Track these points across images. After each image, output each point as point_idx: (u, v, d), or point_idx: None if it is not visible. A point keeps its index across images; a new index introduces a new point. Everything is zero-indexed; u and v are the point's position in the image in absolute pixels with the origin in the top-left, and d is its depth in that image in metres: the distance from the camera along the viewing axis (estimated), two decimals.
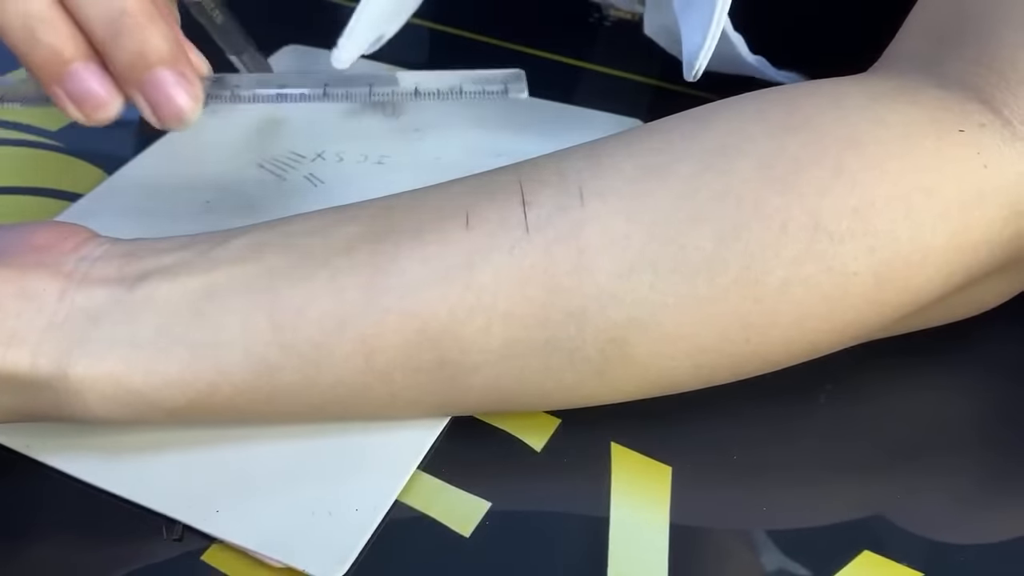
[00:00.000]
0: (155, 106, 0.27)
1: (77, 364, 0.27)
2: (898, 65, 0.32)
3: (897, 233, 0.27)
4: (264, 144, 0.43)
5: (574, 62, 0.49)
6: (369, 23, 0.40)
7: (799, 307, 0.28)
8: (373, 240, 0.29)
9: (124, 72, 0.26)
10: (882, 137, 0.28)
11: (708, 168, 0.28)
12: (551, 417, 0.32)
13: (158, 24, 0.26)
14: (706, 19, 0.35)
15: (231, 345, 0.28)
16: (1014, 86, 0.28)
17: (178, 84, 0.26)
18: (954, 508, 0.30)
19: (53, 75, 0.26)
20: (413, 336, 0.28)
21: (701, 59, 0.35)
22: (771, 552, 0.28)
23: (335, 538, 0.28)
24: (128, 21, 0.26)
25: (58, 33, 0.25)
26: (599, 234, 0.27)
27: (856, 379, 0.33)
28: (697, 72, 0.35)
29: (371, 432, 0.30)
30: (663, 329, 0.28)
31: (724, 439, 0.31)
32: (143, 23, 0.26)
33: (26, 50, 0.26)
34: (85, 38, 0.26)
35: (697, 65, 0.35)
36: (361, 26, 0.39)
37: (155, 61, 0.26)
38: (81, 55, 0.26)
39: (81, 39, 0.26)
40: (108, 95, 0.27)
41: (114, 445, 0.30)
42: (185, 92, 0.26)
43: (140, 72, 0.26)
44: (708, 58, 0.35)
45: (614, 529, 0.29)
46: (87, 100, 0.27)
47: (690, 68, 0.36)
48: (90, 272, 0.29)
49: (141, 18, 0.26)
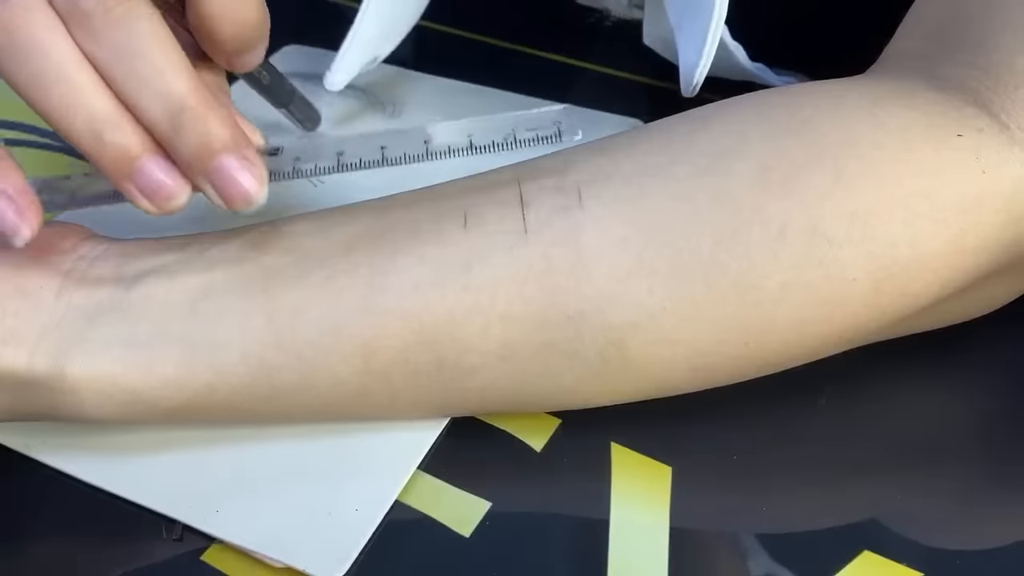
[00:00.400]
0: (223, 192, 0.27)
1: (74, 363, 0.27)
2: (895, 67, 0.32)
3: (895, 238, 0.27)
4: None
5: (574, 62, 0.49)
6: (362, 47, 0.40)
7: (797, 311, 0.27)
8: (371, 240, 0.29)
9: (190, 163, 0.27)
10: (881, 141, 0.27)
11: (707, 170, 0.28)
12: (551, 417, 0.32)
13: (217, 112, 0.27)
14: (701, 38, 0.35)
15: (228, 345, 0.28)
16: (1011, 91, 0.28)
17: (243, 169, 0.27)
18: (954, 508, 0.30)
19: (123, 172, 0.27)
20: (411, 337, 0.28)
21: (697, 77, 0.35)
22: (771, 552, 0.28)
23: (335, 538, 0.28)
24: (189, 115, 0.26)
25: (124, 132, 0.26)
26: (598, 237, 0.27)
27: (856, 380, 0.33)
28: (695, 88, 0.36)
29: (371, 432, 0.30)
30: (661, 332, 0.28)
31: (724, 439, 0.31)
32: (203, 114, 0.26)
33: (96, 152, 0.26)
34: (149, 133, 0.27)
35: (694, 83, 0.35)
36: (354, 50, 0.40)
37: (218, 149, 0.27)
38: (147, 150, 0.27)
39: (146, 135, 0.27)
40: (177, 185, 0.27)
41: (114, 445, 0.30)
42: (250, 175, 0.27)
43: (205, 162, 0.27)
44: (704, 75, 0.35)
45: (614, 529, 0.29)
46: (158, 193, 0.27)
47: (687, 85, 0.36)
48: (88, 271, 0.29)
49: (201, 109, 0.26)
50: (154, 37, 0.26)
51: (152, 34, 0.26)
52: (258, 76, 0.35)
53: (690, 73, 0.35)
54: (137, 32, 0.26)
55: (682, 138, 0.29)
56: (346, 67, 0.40)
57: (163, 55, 0.26)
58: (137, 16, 0.26)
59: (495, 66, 0.49)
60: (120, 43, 0.26)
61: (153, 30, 0.26)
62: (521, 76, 0.47)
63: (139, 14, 0.26)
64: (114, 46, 0.26)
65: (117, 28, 0.26)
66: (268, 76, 0.36)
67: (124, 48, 0.26)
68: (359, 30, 0.39)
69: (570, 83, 0.48)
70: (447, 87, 0.47)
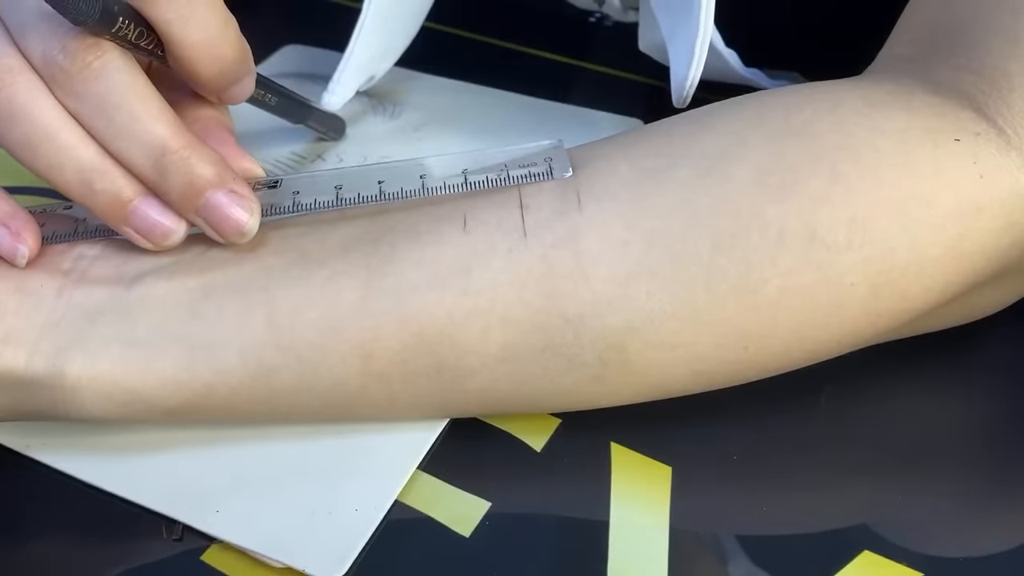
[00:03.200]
0: (216, 227, 0.28)
1: (74, 362, 0.27)
2: (891, 69, 0.32)
3: (893, 244, 0.27)
4: (264, 144, 0.43)
5: (574, 62, 0.49)
6: (357, 68, 0.40)
7: (796, 316, 0.27)
8: (370, 242, 0.29)
9: (179, 205, 0.28)
10: (879, 145, 0.27)
11: (706, 174, 0.28)
12: (551, 417, 0.32)
13: (199, 151, 0.28)
14: (690, 50, 0.35)
15: (227, 345, 0.28)
16: (1006, 95, 0.28)
17: (232, 203, 0.28)
18: (954, 508, 0.30)
19: (119, 217, 0.28)
20: (410, 339, 0.28)
21: (688, 89, 0.35)
22: (771, 552, 0.28)
23: (335, 538, 0.28)
24: (171, 158, 0.27)
25: (113, 180, 0.27)
26: (597, 240, 0.27)
27: (856, 380, 0.32)
28: (685, 100, 0.36)
29: (371, 432, 0.30)
30: (661, 336, 0.28)
31: (724, 439, 0.31)
32: (185, 156, 0.27)
33: (89, 201, 0.28)
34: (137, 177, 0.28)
35: (684, 95, 0.36)
36: (348, 72, 0.40)
37: (204, 187, 0.28)
38: (139, 193, 0.28)
39: (135, 180, 0.28)
40: (172, 223, 0.28)
41: (114, 445, 0.30)
42: (240, 208, 0.28)
43: (194, 202, 0.28)
44: (694, 88, 0.35)
45: (614, 529, 0.29)
46: (154, 232, 0.28)
47: (678, 97, 0.36)
48: (88, 271, 0.29)
49: (183, 152, 0.27)
50: (131, 88, 0.27)
51: (129, 85, 0.27)
52: (263, 100, 0.36)
53: (681, 85, 0.36)
54: (114, 85, 0.27)
55: (681, 140, 0.29)
56: (342, 89, 0.40)
57: (141, 104, 0.27)
58: (114, 69, 0.27)
59: (495, 66, 0.49)
60: (99, 97, 0.27)
61: (130, 81, 0.27)
62: (521, 76, 0.47)
63: (115, 67, 0.27)
64: (93, 100, 0.27)
65: (96, 83, 0.26)
66: (274, 98, 0.36)
67: (103, 101, 0.27)
68: (353, 54, 0.40)
69: (570, 83, 0.48)
70: (447, 87, 0.47)
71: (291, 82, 0.48)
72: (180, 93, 0.31)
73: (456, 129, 0.44)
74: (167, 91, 0.28)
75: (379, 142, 0.43)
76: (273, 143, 0.43)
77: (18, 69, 0.27)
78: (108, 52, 0.27)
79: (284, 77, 0.48)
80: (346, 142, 0.43)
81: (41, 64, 0.27)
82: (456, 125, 0.45)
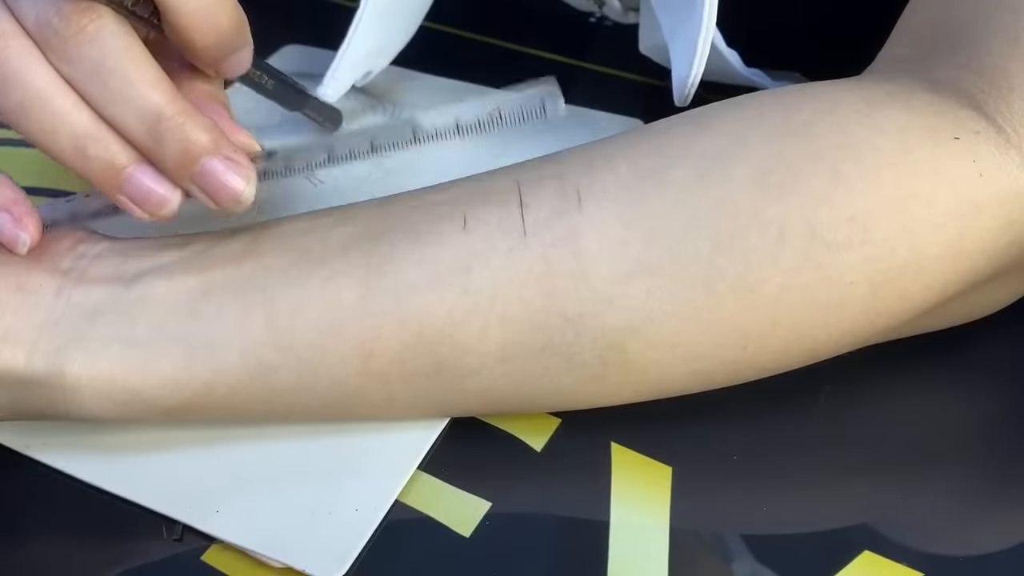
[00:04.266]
0: (211, 194, 0.28)
1: (73, 361, 0.27)
2: (890, 69, 0.32)
3: (893, 242, 0.27)
4: (263, 139, 0.43)
5: (574, 62, 0.49)
6: (353, 63, 0.40)
7: (796, 315, 0.27)
8: (370, 241, 0.29)
9: (174, 172, 0.28)
10: (879, 144, 0.27)
11: (705, 173, 0.28)
12: (551, 417, 0.32)
13: (195, 118, 0.27)
14: (692, 49, 0.35)
15: (227, 345, 0.28)
16: (1005, 93, 0.28)
17: (228, 170, 0.28)
18: (954, 508, 0.30)
19: (113, 185, 0.28)
20: (410, 339, 0.28)
21: (689, 88, 0.35)
22: (771, 552, 0.28)
23: (335, 538, 0.28)
24: (166, 124, 0.27)
25: (107, 146, 0.27)
26: (597, 239, 0.27)
27: (855, 380, 0.32)
28: (687, 99, 0.36)
29: (371, 432, 0.30)
30: (661, 335, 0.28)
31: (724, 439, 0.31)
32: (181, 122, 0.27)
33: (83, 167, 0.27)
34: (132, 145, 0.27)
35: (686, 93, 0.36)
36: (345, 65, 0.40)
37: (199, 154, 0.27)
38: (133, 160, 0.27)
39: (129, 147, 0.27)
40: (167, 192, 0.28)
41: (114, 445, 0.30)
42: (236, 174, 0.28)
43: (189, 168, 0.27)
44: (696, 86, 0.35)
45: (614, 529, 0.29)
46: (148, 200, 0.28)
47: (679, 96, 0.36)
48: (87, 270, 0.29)
49: (178, 118, 0.27)
50: (126, 52, 0.26)
51: (124, 50, 0.26)
52: (259, 82, 0.35)
53: (682, 83, 0.36)
54: (109, 49, 0.26)
55: (681, 140, 0.29)
56: (336, 83, 0.40)
57: (136, 69, 0.27)
58: (108, 34, 0.26)
59: (495, 66, 0.49)
60: (93, 61, 0.26)
61: (125, 46, 0.26)
62: (521, 76, 0.47)
63: (110, 31, 0.26)
64: (88, 65, 0.26)
65: (90, 47, 0.26)
66: (272, 82, 0.36)
67: (98, 66, 0.26)
68: (349, 48, 0.40)
69: (570, 83, 0.48)
70: (447, 87, 0.47)
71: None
72: (177, 65, 0.30)
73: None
74: (163, 63, 0.28)
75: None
76: (273, 142, 0.43)
77: (11, 33, 0.26)
78: (103, 16, 0.26)
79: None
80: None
81: (35, 28, 0.26)
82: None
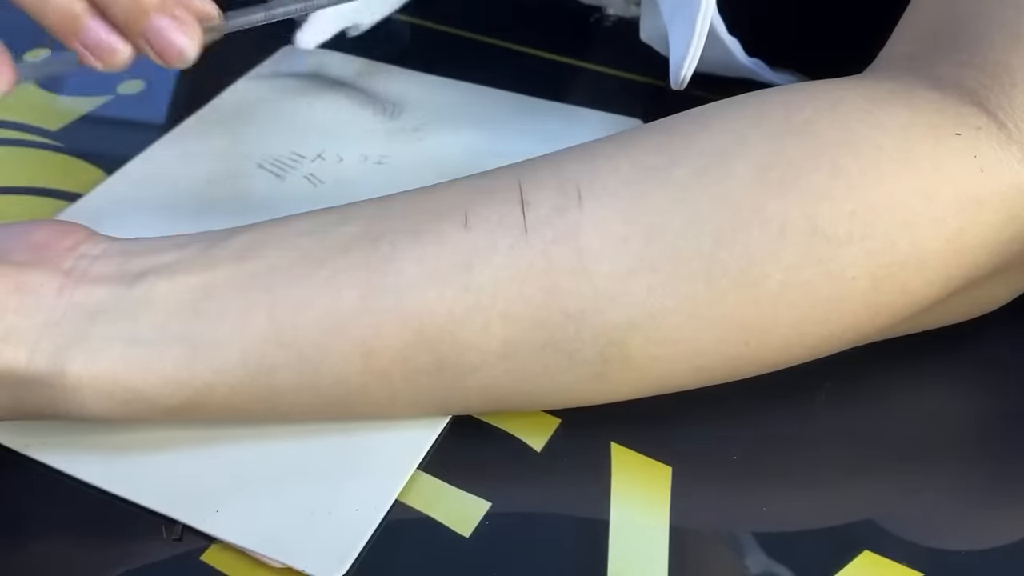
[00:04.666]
0: (158, 51, 0.29)
1: (75, 361, 0.27)
2: (892, 67, 0.32)
3: (895, 237, 0.27)
4: (264, 144, 0.43)
5: (574, 62, 0.49)
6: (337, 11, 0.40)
7: (797, 311, 0.28)
8: (371, 240, 0.29)
9: (124, 26, 0.29)
10: (880, 141, 0.28)
11: (706, 171, 0.28)
12: (551, 417, 0.32)
13: None
14: (690, 29, 0.35)
15: (229, 344, 0.28)
16: (1008, 89, 0.28)
17: (175, 28, 0.29)
18: (955, 508, 0.30)
19: (70, 31, 0.29)
20: (411, 337, 0.28)
21: (686, 69, 0.35)
22: (771, 552, 0.28)
23: (335, 538, 0.28)
24: None
25: None
26: (597, 236, 0.27)
27: (855, 378, 0.33)
28: (683, 81, 0.36)
29: (371, 432, 0.30)
30: (662, 332, 0.28)
31: (724, 439, 0.31)
32: None
33: (41, 14, 0.28)
34: None
35: (682, 75, 0.35)
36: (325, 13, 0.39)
37: (147, 11, 0.29)
38: (88, 11, 0.29)
39: None
40: (118, 43, 0.29)
41: (114, 445, 0.30)
42: (182, 34, 0.29)
43: (138, 23, 0.29)
44: (693, 68, 0.35)
45: (614, 529, 0.29)
46: (101, 48, 0.29)
47: (676, 77, 0.36)
48: (89, 270, 0.29)
49: None
50: None
51: None
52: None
53: (679, 64, 0.35)
54: None
55: (681, 138, 0.29)
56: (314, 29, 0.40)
57: None
58: None
59: (495, 66, 0.49)
60: None
61: None
62: (521, 76, 0.47)
63: None
64: None
65: None
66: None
67: None
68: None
69: (570, 83, 0.48)
70: (447, 87, 0.47)
71: (291, 82, 0.48)
72: None
73: (456, 129, 0.44)
74: None
75: (379, 142, 0.43)
76: (273, 143, 0.43)
77: None
78: None
79: (284, 77, 0.48)
80: (345, 142, 0.43)
81: None
82: (456, 125, 0.45)
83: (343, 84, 0.47)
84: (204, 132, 0.44)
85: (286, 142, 0.43)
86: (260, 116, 0.45)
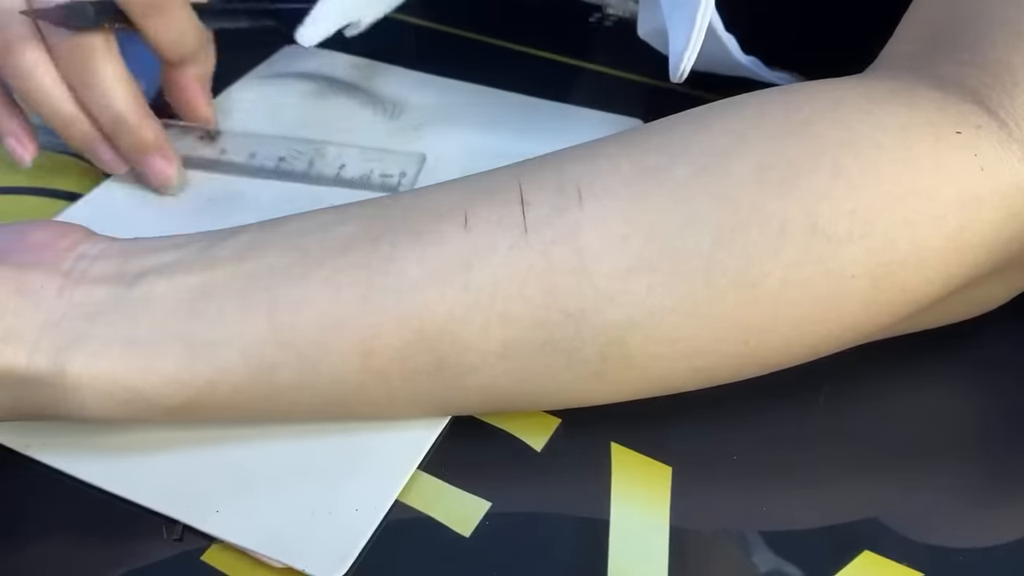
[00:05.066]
0: (150, 176, 0.40)
1: (74, 361, 0.27)
2: (893, 66, 0.32)
3: (895, 235, 0.27)
4: (264, 144, 0.43)
5: (574, 62, 0.49)
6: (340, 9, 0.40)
7: (797, 309, 0.28)
8: (371, 240, 0.29)
9: (126, 154, 0.40)
10: (880, 140, 0.27)
11: (705, 170, 0.28)
12: (551, 417, 0.32)
13: (146, 123, 0.39)
14: (689, 23, 0.35)
15: (229, 343, 0.28)
16: (1009, 88, 0.28)
17: (164, 162, 0.40)
18: (955, 508, 0.30)
19: (86, 147, 0.39)
20: (411, 336, 0.28)
21: (685, 61, 0.35)
22: (771, 552, 0.28)
23: (335, 538, 0.28)
24: (124, 124, 0.38)
25: (83, 125, 0.38)
26: (597, 236, 0.27)
27: (855, 379, 0.33)
28: (682, 74, 0.36)
29: (371, 432, 0.30)
30: (661, 331, 0.28)
31: (724, 439, 0.31)
32: (134, 125, 0.38)
33: (66, 135, 0.39)
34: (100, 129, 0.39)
35: (682, 68, 0.35)
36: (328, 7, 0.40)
37: (144, 151, 0.39)
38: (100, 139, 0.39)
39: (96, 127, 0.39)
40: (120, 163, 0.40)
41: (114, 445, 0.30)
42: (169, 167, 0.40)
43: (137, 157, 0.40)
44: (692, 61, 0.35)
45: (614, 529, 0.29)
46: (104, 162, 0.40)
47: (675, 70, 0.36)
48: (88, 270, 0.29)
49: (132, 120, 0.38)
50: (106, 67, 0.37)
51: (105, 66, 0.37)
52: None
53: (678, 57, 0.35)
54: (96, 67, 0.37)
55: (681, 138, 0.29)
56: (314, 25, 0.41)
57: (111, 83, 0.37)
58: (92, 48, 0.36)
59: (495, 66, 0.49)
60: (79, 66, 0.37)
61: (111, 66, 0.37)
62: (521, 76, 0.47)
63: (94, 47, 0.36)
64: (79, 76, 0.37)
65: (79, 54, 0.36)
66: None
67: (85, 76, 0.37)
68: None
69: (570, 83, 0.48)
70: (447, 87, 0.47)
71: (291, 82, 0.48)
72: None
73: (456, 129, 0.44)
74: None
75: (379, 142, 0.43)
76: (273, 141, 0.43)
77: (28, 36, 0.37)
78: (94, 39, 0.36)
79: (284, 77, 0.48)
80: (345, 141, 0.43)
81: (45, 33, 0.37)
82: (456, 125, 0.45)
83: (343, 84, 0.47)
84: None
85: (286, 142, 0.43)
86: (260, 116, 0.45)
